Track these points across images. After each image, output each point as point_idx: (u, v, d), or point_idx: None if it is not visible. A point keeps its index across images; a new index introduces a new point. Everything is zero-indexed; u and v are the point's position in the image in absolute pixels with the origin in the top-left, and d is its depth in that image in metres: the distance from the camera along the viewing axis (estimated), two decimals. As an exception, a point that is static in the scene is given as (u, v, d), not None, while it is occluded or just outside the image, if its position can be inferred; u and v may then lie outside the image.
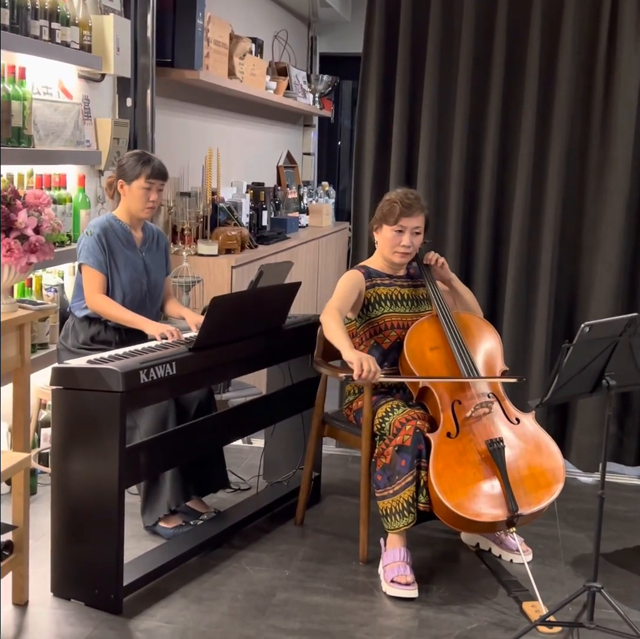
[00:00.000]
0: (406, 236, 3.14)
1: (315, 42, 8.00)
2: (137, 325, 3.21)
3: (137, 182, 3.29)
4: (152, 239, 3.45)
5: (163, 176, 3.35)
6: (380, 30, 3.98)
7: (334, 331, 3.01)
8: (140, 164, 3.29)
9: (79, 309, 3.31)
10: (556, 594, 2.89)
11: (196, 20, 4.39)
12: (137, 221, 3.39)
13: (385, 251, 3.20)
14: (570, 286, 4.01)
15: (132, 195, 3.31)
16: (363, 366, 2.85)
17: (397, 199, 3.13)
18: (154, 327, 3.16)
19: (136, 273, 3.34)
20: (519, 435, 3.02)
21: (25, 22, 3.27)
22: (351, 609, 2.79)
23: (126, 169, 3.32)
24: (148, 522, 3.17)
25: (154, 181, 3.31)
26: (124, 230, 3.34)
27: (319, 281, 6.35)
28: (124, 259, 3.31)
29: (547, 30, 3.84)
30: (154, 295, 3.42)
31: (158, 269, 3.45)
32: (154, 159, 3.35)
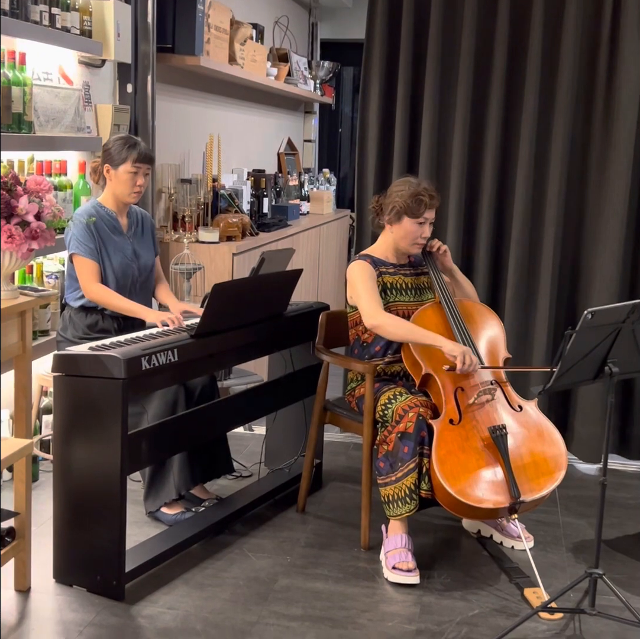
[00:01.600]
0: (427, 227, 3.15)
1: (316, 28, 7.96)
2: (137, 314, 3.20)
3: (123, 167, 3.27)
4: (137, 223, 3.43)
5: (149, 160, 3.33)
6: (382, 16, 3.96)
7: (407, 328, 3.02)
8: (127, 149, 3.26)
9: (73, 300, 3.29)
10: (557, 580, 2.90)
11: (197, 6, 4.36)
12: (123, 206, 3.36)
13: (403, 243, 3.17)
14: (572, 274, 4.00)
15: (118, 180, 3.28)
16: (465, 360, 2.90)
17: (423, 192, 3.11)
18: (155, 316, 3.16)
19: (127, 259, 3.33)
20: (522, 422, 3.02)
21: (25, 7, 3.25)
22: (353, 595, 2.80)
23: (112, 153, 3.28)
24: (151, 508, 3.17)
25: (141, 165, 3.28)
26: (110, 217, 3.32)
27: (319, 268, 6.34)
28: (113, 246, 3.29)
29: (550, 18, 3.82)
30: (145, 279, 3.41)
31: (146, 252, 3.42)
32: (139, 143, 3.32)
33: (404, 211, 3.13)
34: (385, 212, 3.18)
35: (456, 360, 2.92)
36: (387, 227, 3.20)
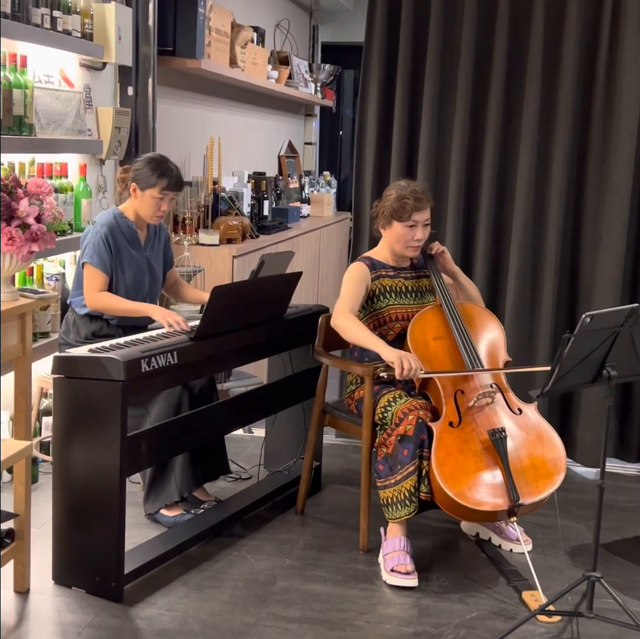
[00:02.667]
0: (419, 230, 3.14)
1: (317, 31, 7.98)
2: (143, 312, 3.20)
3: (150, 191, 3.24)
4: (155, 235, 3.43)
5: (179, 188, 3.30)
6: (382, 19, 3.97)
7: (357, 332, 3.03)
8: (157, 175, 3.22)
9: (79, 306, 3.28)
10: (555, 583, 2.90)
11: (198, 9, 4.37)
12: (144, 221, 3.35)
13: (397, 246, 3.18)
14: (573, 277, 3.99)
15: (143, 201, 3.26)
16: (404, 365, 2.88)
17: (408, 195, 3.11)
18: (161, 313, 3.15)
19: (140, 273, 3.33)
20: (521, 425, 3.03)
21: (26, 10, 3.26)
22: (351, 597, 2.80)
23: (141, 175, 3.24)
24: (150, 510, 3.18)
25: (168, 193, 3.25)
26: (129, 229, 3.30)
27: (319, 270, 6.34)
28: (128, 260, 3.29)
29: (550, 19, 3.82)
30: (154, 292, 3.43)
31: (159, 265, 3.44)
32: (172, 169, 3.26)
33: (391, 215, 3.14)
34: (378, 217, 3.19)
35: (394, 366, 2.90)
36: (382, 231, 3.21)
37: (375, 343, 3.00)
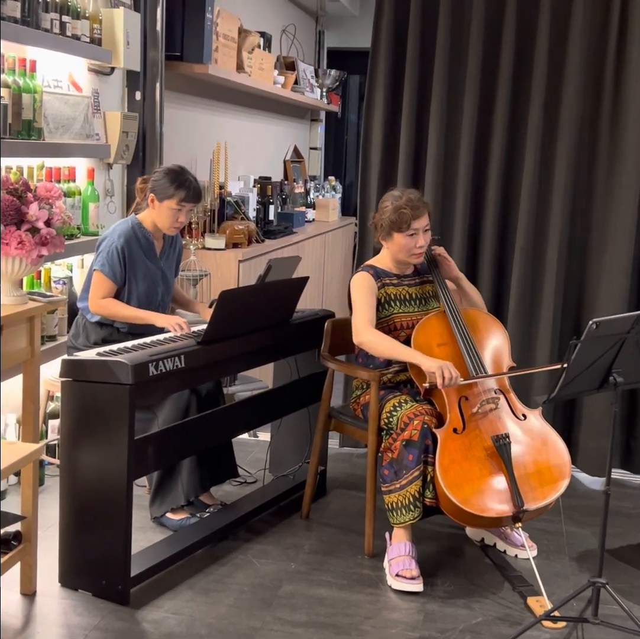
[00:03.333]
0: (420, 237, 3.14)
1: (323, 36, 8.00)
2: (146, 319, 3.21)
3: (168, 202, 3.23)
4: (170, 245, 3.44)
5: (197, 200, 3.29)
6: (389, 25, 3.97)
7: (389, 346, 3.04)
8: (175, 186, 3.22)
9: (90, 313, 3.28)
10: (560, 589, 2.91)
11: (205, 14, 4.39)
12: (161, 231, 3.36)
13: (401, 256, 3.18)
14: (577, 284, 4.00)
15: (161, 212, 3.26)
16: (444, 374, 2.89)
17: (404, 205, 3.11)
18: (164, 319, 3.17)
19: (153, 284, 3.34)
20: (526, 431, 3.03)
21: (36, 15, 3.28)
22: (357, 602, 2.81)
23: (160, 186, 3.24)
24: (156, 513, 3.19)
25: (186, 204, 3.25)
26: (146, 240, 3.31)
27: (325, 275, 6.36)
28: (143, 270, 3.29)
29: (557, 24, 3.82)
30: (166, 302, 3.45)
31: (172, 275, 3.46)
32: (190, 181, 3.25)
33: (390, 227, 3.14)
34: (377, 230, 3.20)
35: (435, 376, 2.92)
36: (383, 243, 3.22)
37: (412, 355, 3.00)
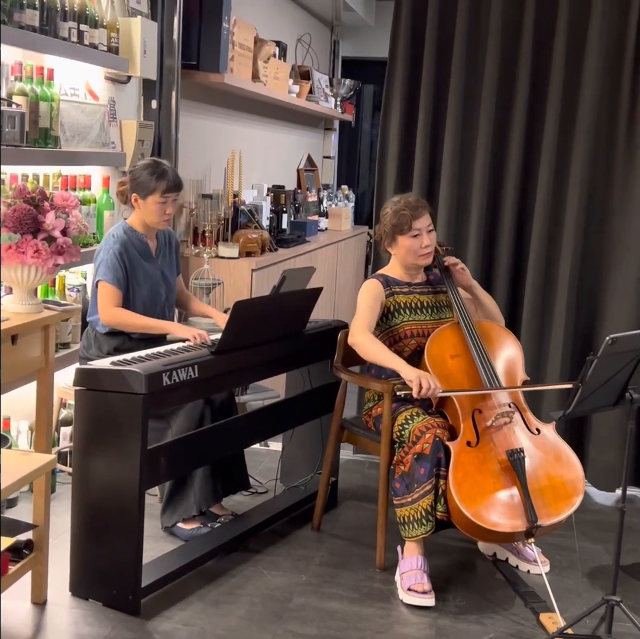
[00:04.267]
0: (424, 236, 3.15)
1: (338, 46, 8.01)
2: (164, 330, 3.20)
3: (152, 198, 3.22)
4: (165, 244, 3.42)
5: (178, 188, 3.28)
6: (406, 36, 3.97)
7: (376, 350, 3.04)
8: (155, 179, 3.21)
9: (100, 325, 3.26)
10: (573, 606, 2.89)
11: (222, 24, 4.40)
12: (152, 230, 3.35)
13: (408, 259, 3.19)
14: (589, 300, 3.97)
15: (147, 209, 3.25)
16: (422, 384, 2.88)
17: (402, 207, 3.15)
18: (184, 330, 3.15)
19: (156, 285, 3.33)
20: (540, 445, 3.02)
21: (54, 23, 3.29)
22: (368, 616, 2.79)
23: (140, 183, 3.23)
24: (167, 523, 3.18)
25: (170, 195, 3.24)
26: (140, 242, 3.29)
27: (337, 284, 6.35)
28: (143, 273, 3.28)
29: (574, 38, 3.82)
30: (171, 301, 3.43)
31: (172, 273, 3.44)
32: (167, 170, 3.25)
33: (393, 231, 3.16)
34: (382, 238, 3.22)
35: (412, 384, 2.91)
36: (390, 250, 3.23)
37: (394, 361, 3.00)
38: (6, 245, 2.49)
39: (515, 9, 3.87)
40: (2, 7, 2.98)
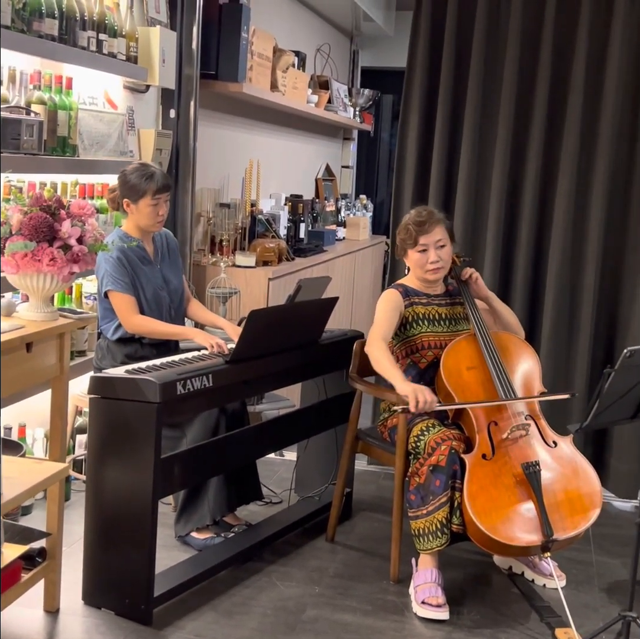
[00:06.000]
0: (431, 252, 3.14)
1: (357, 56, 8.02)
2: (186, 336, 3.19)
3: (143, 201, 3.20)
4: (163, 246, 3.40)
5: (168, 188, 3.26)
6: (424, 45, 3.98)
7: (381, 363, 3.04)
8: (144, 182, 3.19)
9: (110, 333, 3.25)
10: (590, 621, 2.85)
11: (241, 33, 4.41)
12: (148, 233, 3.33)
13: (417, 272, 3.21)
14: (609, 311, 3.95)
15: (140, 213, 3.23)
16: (418, 398, 2.87)
17: (409, 222, 3.16)
18: (204, 337, 3.13)
19: (158, 289, 3.30)
20: (556, 458, 2.99)
21: (73, 32, 3.31)
22: (381, 629, 2.77)
23: (130, 188, 3.21)
24: (181, 532, 3.18)
25: (160, 196, 3.22)
26: (137, 247, 3.27)
27: (354, 294, 6.34)
28: (144, 278, 3.26)
29: (594, 49, 3.81)
30: (176, 303, 3.40)
31: (175, 275, 3.40)
32: (155, 172, 3.24)
33: (402, 245, 3.20)
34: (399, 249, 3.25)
35: (408, 399, 2.88)
36: (405, 261, 3.27)
37: (392, 375, 2.98)
38: (22, 253, 2.49)
39: (535, 19, 3.86)
40: (21, 16, 3.00)
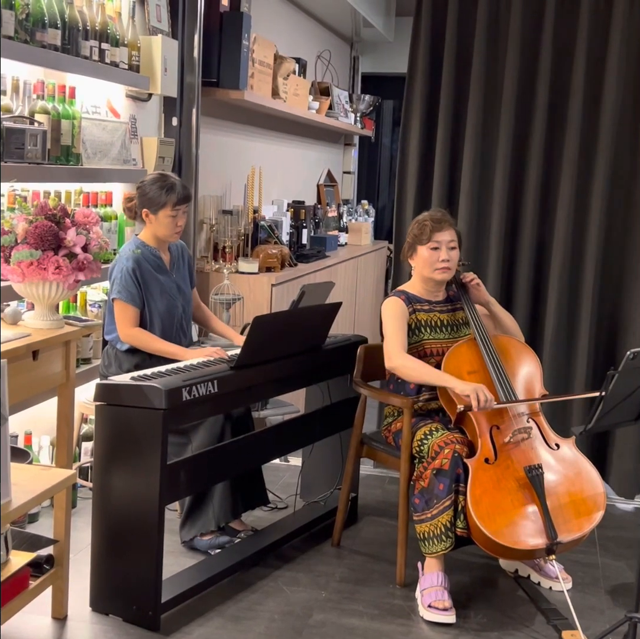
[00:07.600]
0: (443, 250, 3.15)
1: (358, 62, 8.04)
2: (177, 356, 3.17)
3: (163, 212, 3.24)
4: (178, 256, 3.43)
5: (188, 199, 3.30)
6: (425, 51, 3.99)
7: (420, 370, 3.04)
8: (165, 193, 3.23)
9: (120, 342, 3.27)
10: (596, 623, 2.86)
11: (242, 41, 4.43)
12: (165, 243, 3.36)
13: (425, 271, 3.19)
14: (610, 314, 3.96)
15: (159, 223, 3.26)
16: (479, 397, 2.88)
17: (426, 218, 3.19)
18: (198, 354, 3.15)
19: (172, 299, 3.33)
20: (559, 461, 2.99)
21: (76, 42, 3.33)
22: (388, 633, 2.78)
23: (150, 198, 3.24)
24: (185, 537, 3.19)
25: (180, 207, 3.26)
26: (154, 256, 3.30)
27: (357, 299, 6.36)
28: (159, 288, 3.29)
29: (594, 56, 3.82)
30: (188, 314, 3.44)
31: (187, 285, 3.45)
32: (176, 183, 3.27)
33: (414, 241, 3.19)
34: (406, 250, 3.25)
35: (470, 399, 2.90)
36: (411, 262, 3.24)
37: (445, 379, 2.99)
38: (28, 261, 2.52)
39: (535, 24, 3.88)
40: (24, 27, 3.02)
